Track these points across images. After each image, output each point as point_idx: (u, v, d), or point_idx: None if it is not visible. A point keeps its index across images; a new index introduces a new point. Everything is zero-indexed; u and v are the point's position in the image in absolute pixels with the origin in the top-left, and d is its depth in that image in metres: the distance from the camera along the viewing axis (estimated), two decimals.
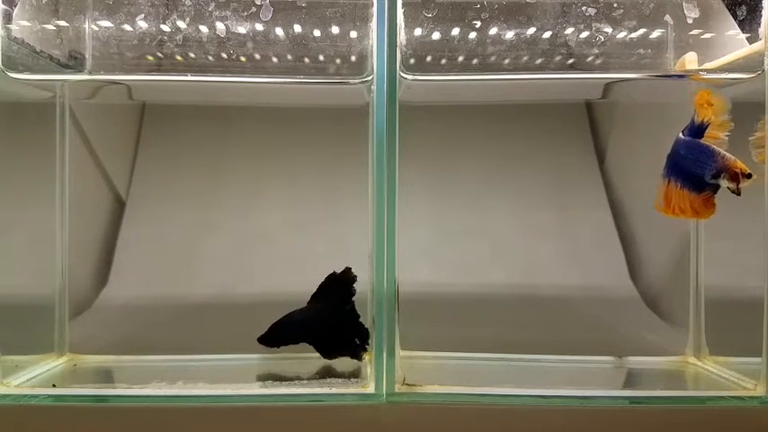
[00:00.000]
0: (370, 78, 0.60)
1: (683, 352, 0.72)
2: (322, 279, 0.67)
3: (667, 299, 0.80)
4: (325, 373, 0.64)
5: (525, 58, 0.70)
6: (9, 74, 0.61)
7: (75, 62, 0.70)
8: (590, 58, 0.69)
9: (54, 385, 0.61)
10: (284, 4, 0.66)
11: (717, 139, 0.57)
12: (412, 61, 0.64)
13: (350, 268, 0.66)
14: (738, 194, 0.56)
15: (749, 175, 0.55)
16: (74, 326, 0.73)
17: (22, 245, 0.69)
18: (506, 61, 0.70)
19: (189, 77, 0.67)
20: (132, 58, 0.69)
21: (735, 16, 0.64)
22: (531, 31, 0.68)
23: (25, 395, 0.58)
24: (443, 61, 0.71)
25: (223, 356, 0.71)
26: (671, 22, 0.67)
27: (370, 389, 0.58)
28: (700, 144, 0.57)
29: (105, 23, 0.68)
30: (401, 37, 0.60)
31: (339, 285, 0.66)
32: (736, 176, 0.55)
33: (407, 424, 0.56)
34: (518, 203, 0.88)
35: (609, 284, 0.84)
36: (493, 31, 0.68)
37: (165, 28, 0.66)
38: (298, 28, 0.68)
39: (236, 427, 0.56)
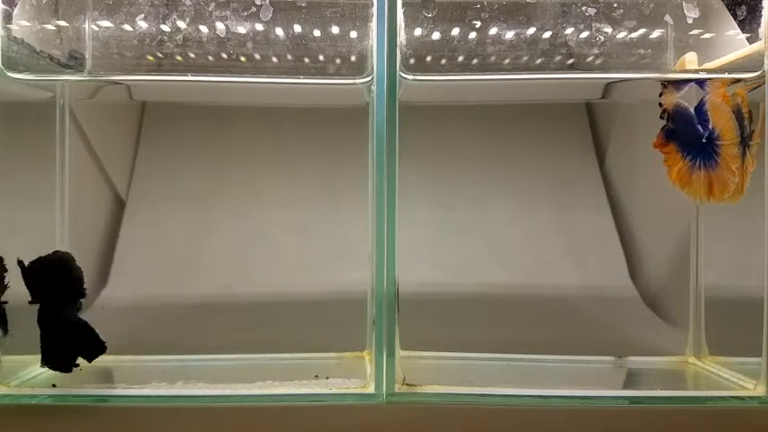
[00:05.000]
0: (370, 78, 0.60)
1: (683, 352, 0.72)
2: (322, 279, 0.67)
3: (667, 299, 0.80)
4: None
5: (525, 58, 0.70)
6: (9, 74, 0.61)
7: (75, 62, 0.70)
8: (590, 59, 0.69)
9: (54, 385, 0.61)
10: (284, 4, 0.66)
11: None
12: (412, 61, 0.64)
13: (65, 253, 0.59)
14: None
15: None
16: None
17: (22, 245, 0.69)
18: (506, 61, 0.70)
19: (189, 77, 0.67)
20: (132, 58, 0.69)
21: (735, 16, 0.64)
22: (531, 31, 0.68)
23: (25, 395, 0.58)
24: (443, 61, 0.71)
25: (223, 356, 0.70)
26: (671, 22, 0.67)
27: (370, 389, 0.58)
28: None
29: (105, 23, 0.68)
30: (401, 37, 0.60)
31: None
32: None
33: (407, 424, 0.56)
34: (518, 203, 0.88)
35: (609, 284, 0.84)
36: (493, 31, 0.68)
37: (165, 28, 0.66)
38: (298, 28, 0.68)
39: (236, 427, 0.56)
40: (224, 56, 0.68)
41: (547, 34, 0.68)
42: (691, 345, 0.72)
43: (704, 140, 0.62)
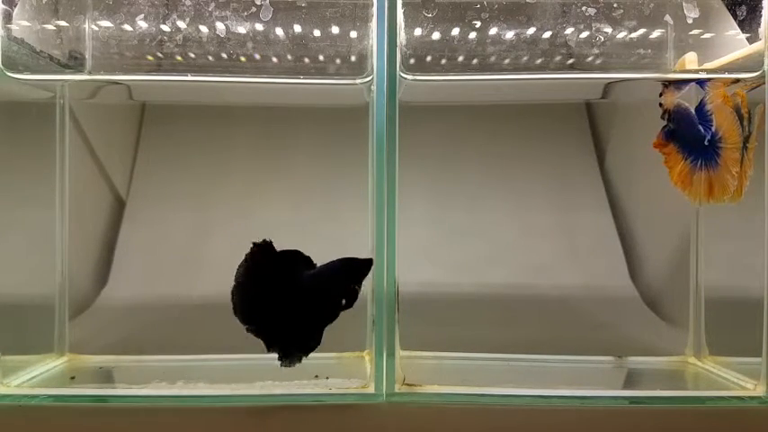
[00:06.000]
0: (370, 78, 0.60)
1: (683, 352, 0.72)
2: None
3: (667, 299, 0.80)
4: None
5: (525, 58, 0.70)
6: (9, 74, 0.61)
7: (75, 62, 0.70)
8: (590, 59, 0.69)
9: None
10: (284, 4, 0.66)
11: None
12: (412, 61, 0.64)
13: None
14: None
15: None
16: (73, 326, 0.73)
17: (22, 245, 0.69)
18: (506, 61, 0.70)
19: (189, 77, 0.67)
20: (132, 58, 0.69)
21: (735, 16, 0.64)
22: (531, 31, 0.68)
23: (25, 395, 0.58)
24: (443, 61, 0.71)
25: (223, 356, 0.70)
26: (671, 22, 0.67)
27: (370, 389, 0.58)
28: None
29: (105, 23, 0.68)
30: (401, 37, 0.60)
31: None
32: None
33: (407, 424, 0.56)
34: (518, 203, 0.88)
35: (609, 284, 0.84)
36: (493, 31, 0.68)
37: (165, 28, 0.66)
38: (298, 28, 0.68)
39: (236, 427, 0.56)
40: (224, 56, 0.68)
41: (547, 34, 0.68)
42: (691, 345, 0.72)
43: (706, 143, 0.62)
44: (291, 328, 0.58)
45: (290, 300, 0.58)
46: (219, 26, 0.65)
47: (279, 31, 0.68)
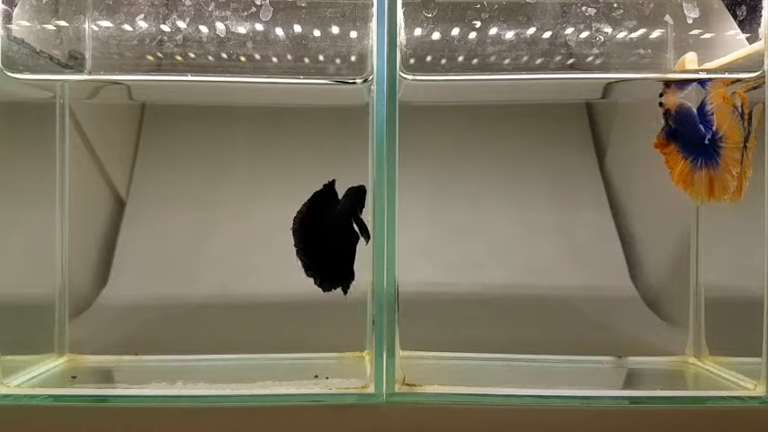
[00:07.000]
0: (370, 78, 0.60)
1: (683, 352, 0.72)
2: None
3: (667, 299, 0.80)
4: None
5: (525, 58, 0.70)
6: (9, 74, 0.61)
7: (75, 62, 0.70)
8: (590, 59, 0.69)
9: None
10: (284, 4, 0.66)
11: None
12: (412, 61, 0.64)
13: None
14: None
15: None
16: (73, 326, 0.73)
17: (22, 245, 0.69)
18: (506, 61, 0.70)
19: (189, 77, 0.67)
20: (132, 58, 0.69)
21: (735, 16, 0.64)
22: (531, 31, 0.68)
23: (25, 395, 0.58)
24: (443, 61, 0.71)
25: (223, 356, 0.70)
26: (671, 22, 0.67)
27: (370, 389, 0.58)
28: None
29: (105, 23, 0.68)
30: (401, 37, 0.60)
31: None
32: None
33: (407, 424, 0.56)
34: (518, 203, 0.88)
35: (609, 284, 0.84)
36: (493, 31, 0.68)
37: (165, 28, 0.66)
38: (298, 28, 0.68)
39: (236, 427, 0.56)
40: (224, 56, 0.68)
41: (547, 34, 0.68)
42: (691, 345, 0.72)
43: (707, 142, 0.62)
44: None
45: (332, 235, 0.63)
46: (219, 26, 0.65)
47: (279, 31, 0.68)
